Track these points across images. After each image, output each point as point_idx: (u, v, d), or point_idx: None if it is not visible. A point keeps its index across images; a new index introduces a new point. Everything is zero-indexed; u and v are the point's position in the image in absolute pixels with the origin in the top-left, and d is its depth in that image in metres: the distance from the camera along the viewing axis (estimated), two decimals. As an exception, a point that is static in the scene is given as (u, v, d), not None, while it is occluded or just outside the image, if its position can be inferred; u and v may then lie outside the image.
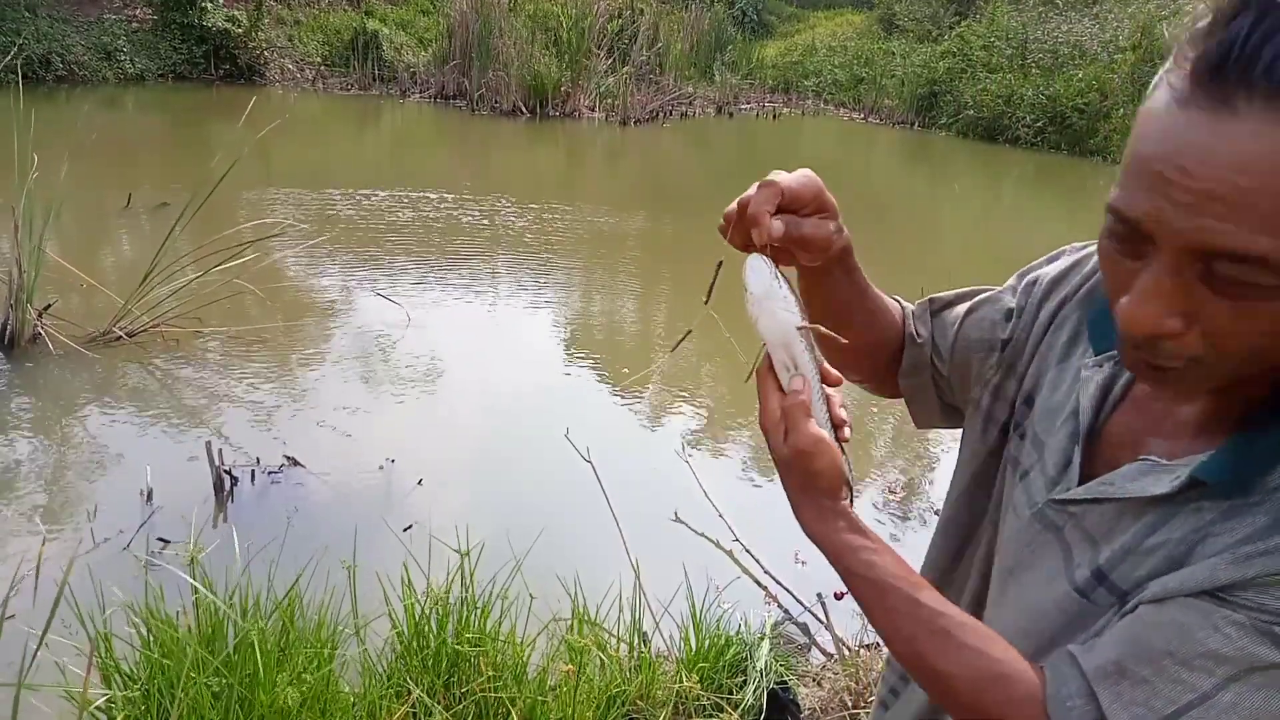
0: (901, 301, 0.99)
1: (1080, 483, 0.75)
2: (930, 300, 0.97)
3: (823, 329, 0.74)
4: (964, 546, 0.93)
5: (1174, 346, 0.60)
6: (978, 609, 0.86)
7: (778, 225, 0.71)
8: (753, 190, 0.73)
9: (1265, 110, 0.53)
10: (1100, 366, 0.77)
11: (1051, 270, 0.87)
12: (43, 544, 3.09)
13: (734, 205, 0.74)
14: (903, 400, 0.99)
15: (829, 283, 0.85)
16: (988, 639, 0.70)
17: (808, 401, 0.73)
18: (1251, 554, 0.61)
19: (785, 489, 0.76)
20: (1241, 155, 0.54)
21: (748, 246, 0.74)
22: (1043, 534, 0.77)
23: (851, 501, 0.76)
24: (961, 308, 0.94)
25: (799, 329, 0.73)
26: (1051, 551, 0.76)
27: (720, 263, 0.79)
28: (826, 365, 0.78)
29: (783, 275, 0.74)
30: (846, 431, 0.78)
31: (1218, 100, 0.54)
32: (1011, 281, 0.91)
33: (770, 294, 0.73)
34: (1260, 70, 0.53)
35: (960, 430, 0.96)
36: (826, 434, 0.74)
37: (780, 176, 0.73)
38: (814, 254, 0.77)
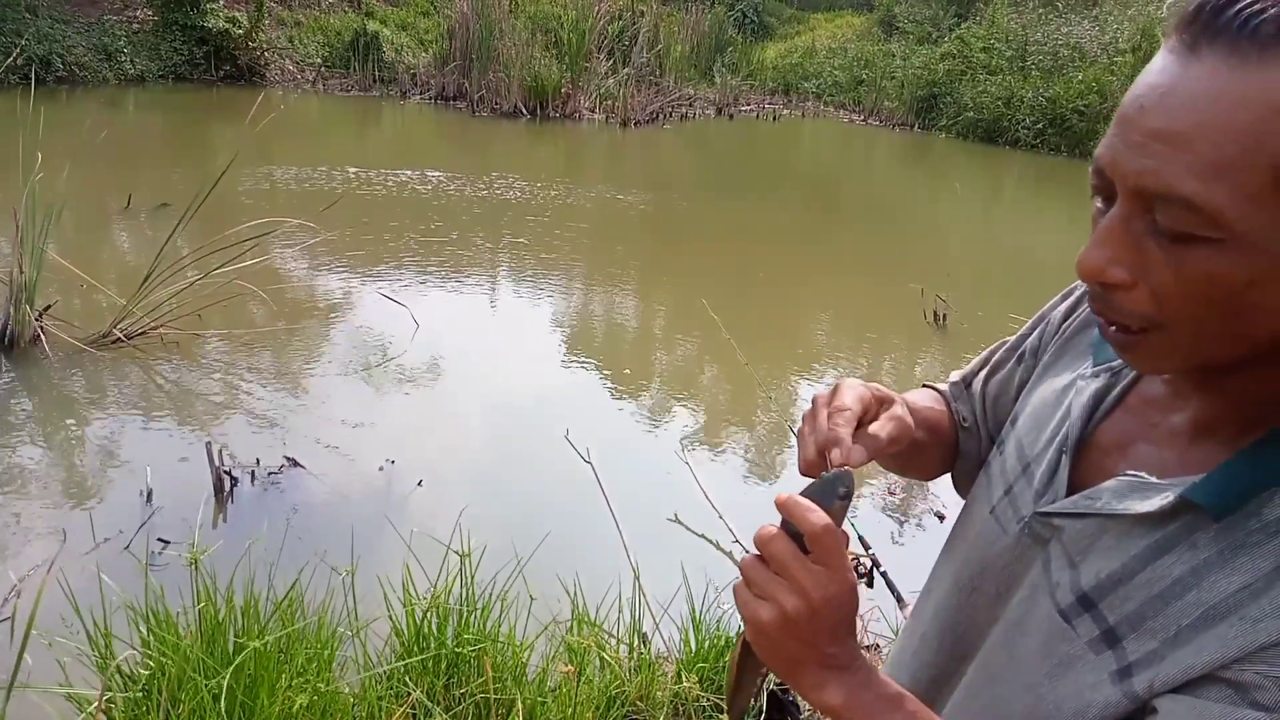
0: (936, 386, 0.99)
1: (1068, 494, 0.72)
2: (963, 379, 0.98)
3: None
4: None
5: (1124, 302, 0.60)
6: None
7: (859, 452, 0.71)
8: (824, 435, 0.72)
9: (1225, 56, 0.53)
10: (1097, 376, 0.75)
11: (1063, 306, 0.87)
12: (43, 544, 3.09)
13: (812, 453, 0.73)
14: None
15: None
16: None
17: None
18: (1258, 616, 0.57)
19: (805, 664, 0.66)
20: (1191, 95, 0.54)
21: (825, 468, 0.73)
22: (1032, 548, 0.73)
23: None
24: (984, 371, 0.95)
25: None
26: (1035, 565, 0.72)
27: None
28: None
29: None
30: None
31: (1187, 45, 0.56)
32: (1025, 328, 0.91)
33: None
34: (1228, 17, 0.54)
35: None
36: None
37: (842, 400, 0.74)
38: (899, 446, 0.77)
